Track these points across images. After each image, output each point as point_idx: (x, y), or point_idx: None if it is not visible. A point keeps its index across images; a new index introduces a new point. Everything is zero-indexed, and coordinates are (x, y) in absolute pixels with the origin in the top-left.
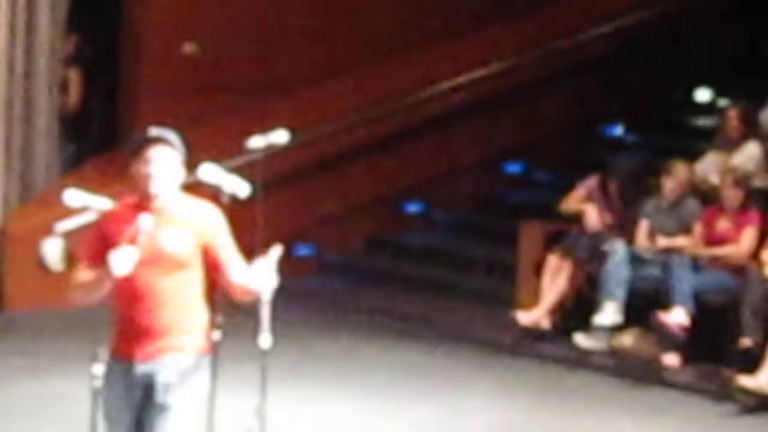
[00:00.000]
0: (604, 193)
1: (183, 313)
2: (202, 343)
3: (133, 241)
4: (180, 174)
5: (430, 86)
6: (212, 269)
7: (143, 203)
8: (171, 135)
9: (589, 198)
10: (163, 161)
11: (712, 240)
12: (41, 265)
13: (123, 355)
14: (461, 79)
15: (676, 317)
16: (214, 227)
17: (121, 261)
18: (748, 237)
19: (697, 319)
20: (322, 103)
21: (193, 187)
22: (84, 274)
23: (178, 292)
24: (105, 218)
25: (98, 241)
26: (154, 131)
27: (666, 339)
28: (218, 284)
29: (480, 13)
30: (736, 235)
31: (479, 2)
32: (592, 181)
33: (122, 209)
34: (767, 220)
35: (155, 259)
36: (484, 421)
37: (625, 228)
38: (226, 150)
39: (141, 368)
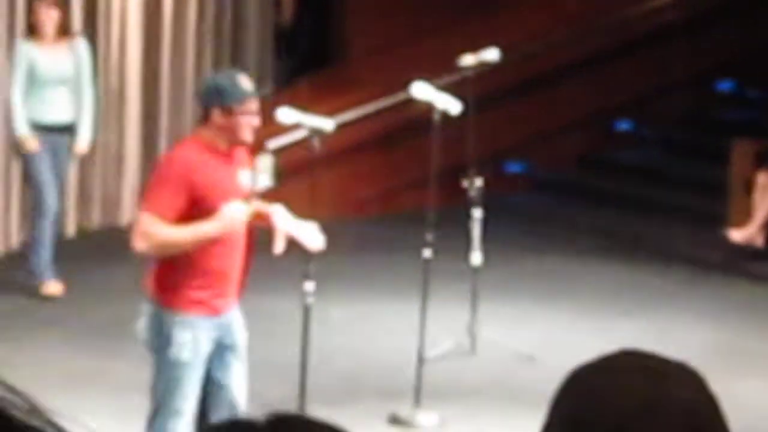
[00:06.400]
0: None
1: None
2: None
3: (243, 196)
4: None
5: (642, 3)
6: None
7: (219, 151)
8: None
9: None
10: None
11: None
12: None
13: (212, 311)
14: None
15: None
16: None
17: (236, 216)
18: None
19: None
20: (533, 22)
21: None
22: (168, 229)
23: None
24: (186, 169)
25: (185, 193)
26: (250, 83)
27: None
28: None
29: None
30: None
31: None
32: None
33: (203, 157)
34: None
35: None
36: (693, 340)
37: None
38: (437, 68)
39: (226, 318)
